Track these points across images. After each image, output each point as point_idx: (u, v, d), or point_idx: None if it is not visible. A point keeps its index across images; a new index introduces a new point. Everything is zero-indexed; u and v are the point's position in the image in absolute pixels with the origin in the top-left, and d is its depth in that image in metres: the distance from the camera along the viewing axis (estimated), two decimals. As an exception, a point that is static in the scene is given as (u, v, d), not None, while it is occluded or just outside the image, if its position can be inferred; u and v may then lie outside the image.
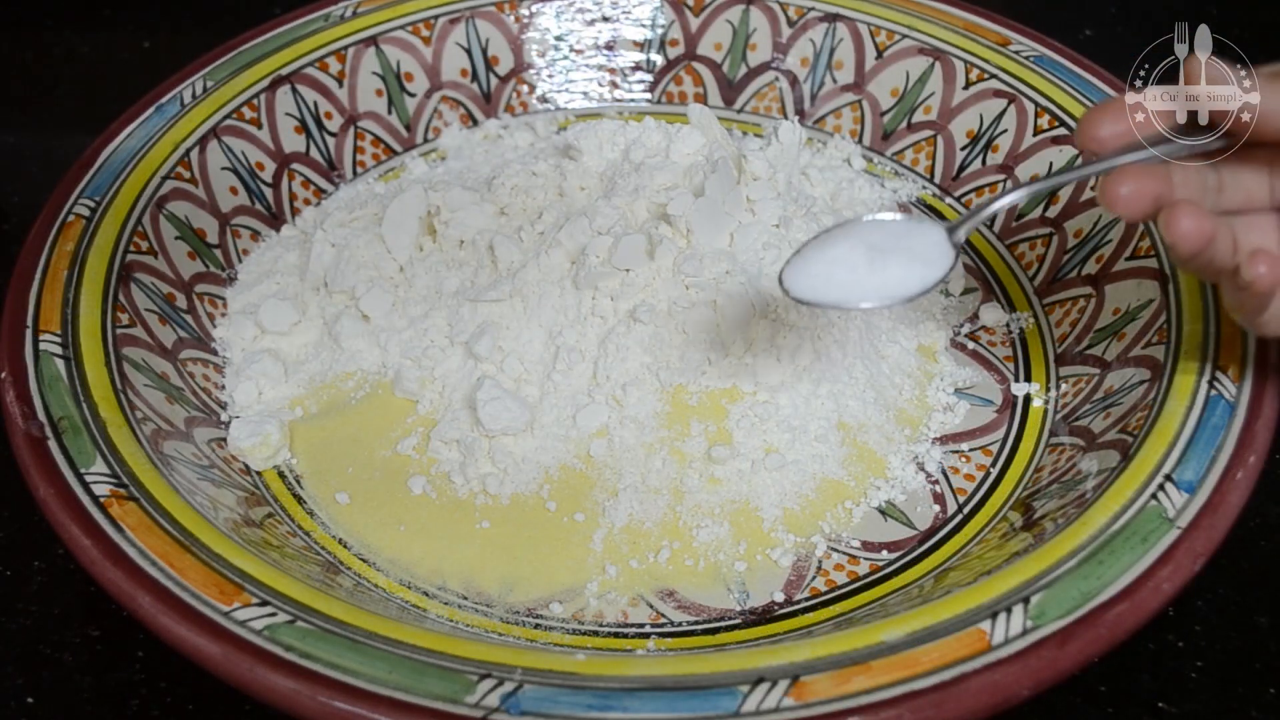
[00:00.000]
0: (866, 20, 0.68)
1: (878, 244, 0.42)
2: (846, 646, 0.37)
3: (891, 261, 0.42)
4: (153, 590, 0.39)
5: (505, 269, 0.55)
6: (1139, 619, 0.38)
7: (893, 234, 0.43)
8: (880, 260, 0.42)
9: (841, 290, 0.42)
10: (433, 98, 0.70)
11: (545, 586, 0.47)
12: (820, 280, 0.42)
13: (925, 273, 0.42)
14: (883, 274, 0.42)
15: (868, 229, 0.43)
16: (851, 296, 0.42)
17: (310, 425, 0.53)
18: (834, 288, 0.42)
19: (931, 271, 0.42)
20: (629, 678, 0.37)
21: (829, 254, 0.43)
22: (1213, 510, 0.41)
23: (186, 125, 0.61)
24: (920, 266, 0.42)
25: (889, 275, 0.42)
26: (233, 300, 0.59)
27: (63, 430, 0.44)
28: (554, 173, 0.59)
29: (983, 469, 0.52)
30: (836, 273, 0.42)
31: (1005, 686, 0.36)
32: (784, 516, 0.49)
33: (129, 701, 0.45)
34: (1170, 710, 0.44)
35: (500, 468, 0.50)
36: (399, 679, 0.36)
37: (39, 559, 0.50)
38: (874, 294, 0.42)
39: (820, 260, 0.43)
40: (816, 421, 0.51)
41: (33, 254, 0.52)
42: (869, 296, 0.42)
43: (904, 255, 0.42)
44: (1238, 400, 0.44)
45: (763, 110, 0.71)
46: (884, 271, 0.42)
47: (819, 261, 0.43)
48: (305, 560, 0.45)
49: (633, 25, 0.72)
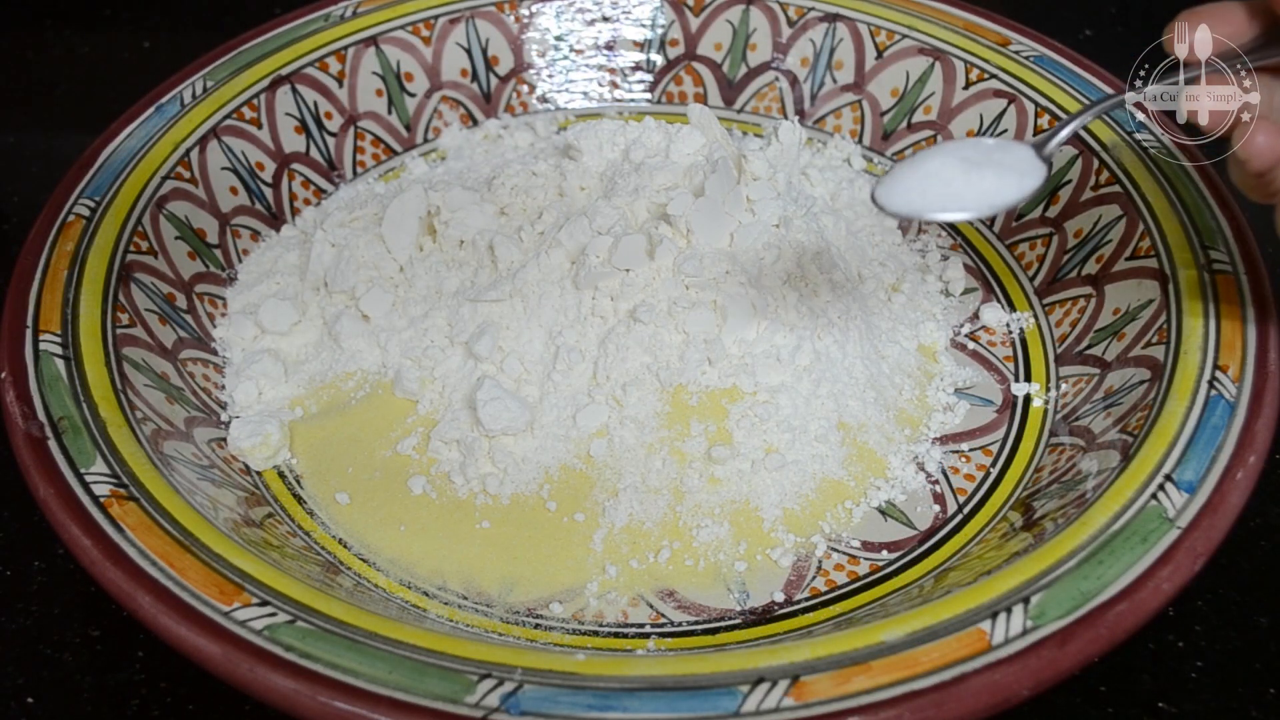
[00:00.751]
0: (866, 20, 0.68)
1: (970, 158, 0.42)
2: (847, 646, 0.37)
3: (986, 173, 0.42)
4: (153, 590, 0.39)
5: (505, 269, 0.55)
6: (1139, 619, 0.38)
7: (983, 150, 0.42)
8: (975, 172, 0.42)
9: (939, 201, 0.42)
10: (433, 98, 0.70)
11: (545, 586, 0.47)
12: (915, 194, 0.42)
13: (1021, 182, 0.42)
14: (978, 185, 0.42)
15: (958, 147, 0.43)
16: (949, 207, 0.42)
17: (310, 425, 0.53)
18: (930, 200, 0.42)
19: (1027, 181, 0.42)
20: (629, 678, 0.37)
21: (921, 170, 0.42)
22: (1213, 510, 0.41)
23: (186, 125, 0.61)
24: (1015, 176, 0.42)
25: (984, 186, 0.42)
26: (233, 300, 0.59)
27: (63, 430, 0.44)
28: (554, 173, 0.59)
29: (983, 469, 0.52)
30: (931, 186, 0.42)
31: (1005, 686, 0.36)
32: (784, 516, 0.49)
33: (129, 701, 0.45)
34: (1170, 710, 0.44)
35: (500, 468, 0.50)
36: (399, 679, 0.36)
37: (39, 559, 0.50)
38: (972, 204, 0.42)
39: (913, 176, 0.42)
40: (817, 421, 0.51)
41: (33, 254, 0.52)
42: (967, 207, 0.42)
43: (997, 168, 0.42)
44: (1238, 400, 0.44)
45: (763, 110, 0.71)
46: (979, 183, 0.41)
47: (911, 178, 0.42)
48: (305, 560, 0.45)
49: (633, 25, 0.72)
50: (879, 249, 0.62)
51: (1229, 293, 0.49)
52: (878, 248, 0.62)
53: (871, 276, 0.58)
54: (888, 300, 0.58)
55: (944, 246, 0.64)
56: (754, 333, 0.51)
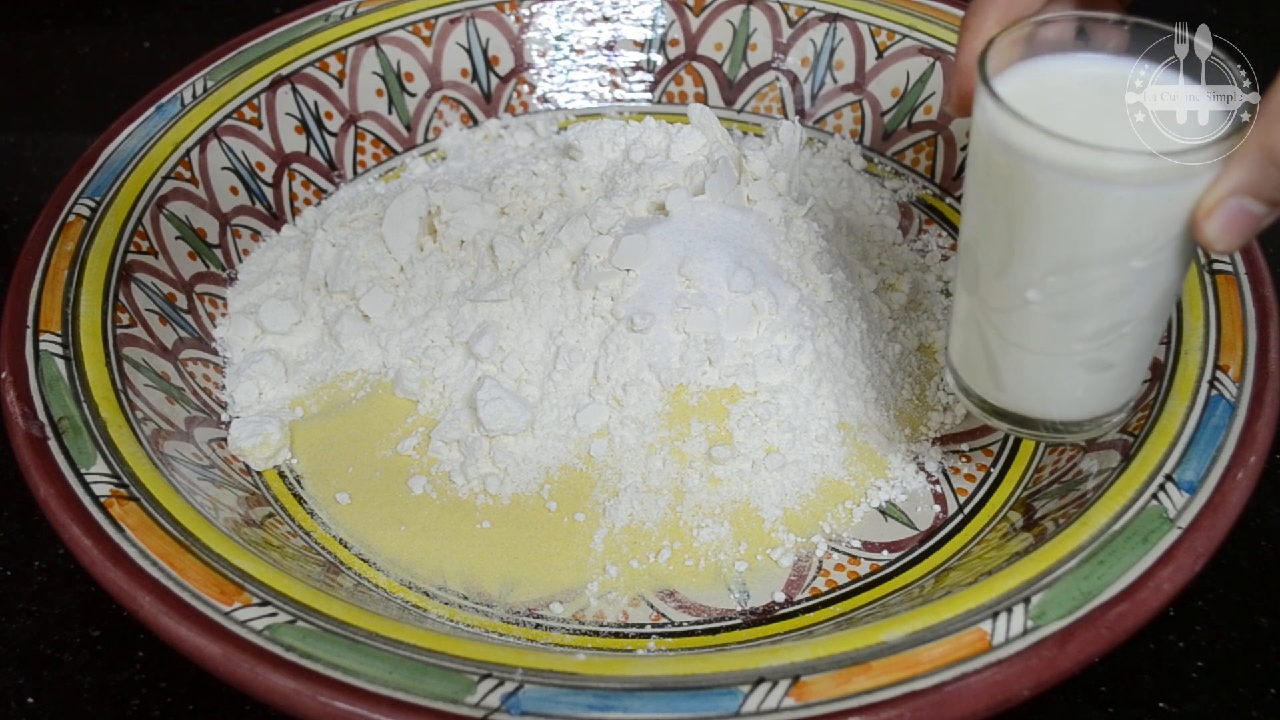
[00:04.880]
0: (867, 20, 0.68)
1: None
2: (847, 646, 0.37)
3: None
4: (153, 590, 0.39)
5: (506, 269, 0.55)
6: (1139, 619, 0.38)
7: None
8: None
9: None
10: (433, 98, 0.70)
11: (546, 586, 0.47)
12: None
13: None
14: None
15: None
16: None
17: (311, 425, 0.53)
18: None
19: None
20: (629, 678, 0.37)
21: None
22: (1213, 510, 0.41)
23: (187, 125, 0.61)
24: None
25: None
26: (233, 300, 0.59)
27: (63, 430, 0.44)
28: (554, 173, 0.59)
29: (983, 469, 0.52)
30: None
31: (1006, 686, 0.36)
32: (785, 516, 0.49)
33: (129, 701, 0.45)
34: (1170, 710, 0.44)
35: (501, 468, 0.50)
36: (399, 679, 0.36)
37: (39, 559, 0.50)
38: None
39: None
40: (817, 421, 0.51)
41: (33, 254, 0.52)
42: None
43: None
44: (1238, 400, 0.44)
45: (763, 110, 0.71)
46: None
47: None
48: (306, 560, 0.45)
49: (633, 25, 0.72)
50: (879, 249, 0.62)
51: (1229, 293, 0.49)
52: (878, 247, 0.62)
53: (871, 276, 0.58)
54: (888, 300, 0.58)
55: (944, 246, 0.63)
56: (754, 333, 0.51)
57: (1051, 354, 0.40)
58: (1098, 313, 0.38)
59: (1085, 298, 0.38)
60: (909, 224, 0.65)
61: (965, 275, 0.41)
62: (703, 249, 0.51)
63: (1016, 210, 0.37)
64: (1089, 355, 0.39)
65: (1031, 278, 0.38)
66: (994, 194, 0.38)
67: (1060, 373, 0.41)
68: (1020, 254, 0.38)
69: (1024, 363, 0.41)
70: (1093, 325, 0.38)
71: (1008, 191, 0.37)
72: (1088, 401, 0.42)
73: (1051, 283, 0.37)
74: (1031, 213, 0.36)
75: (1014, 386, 0.42)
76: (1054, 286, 0.37)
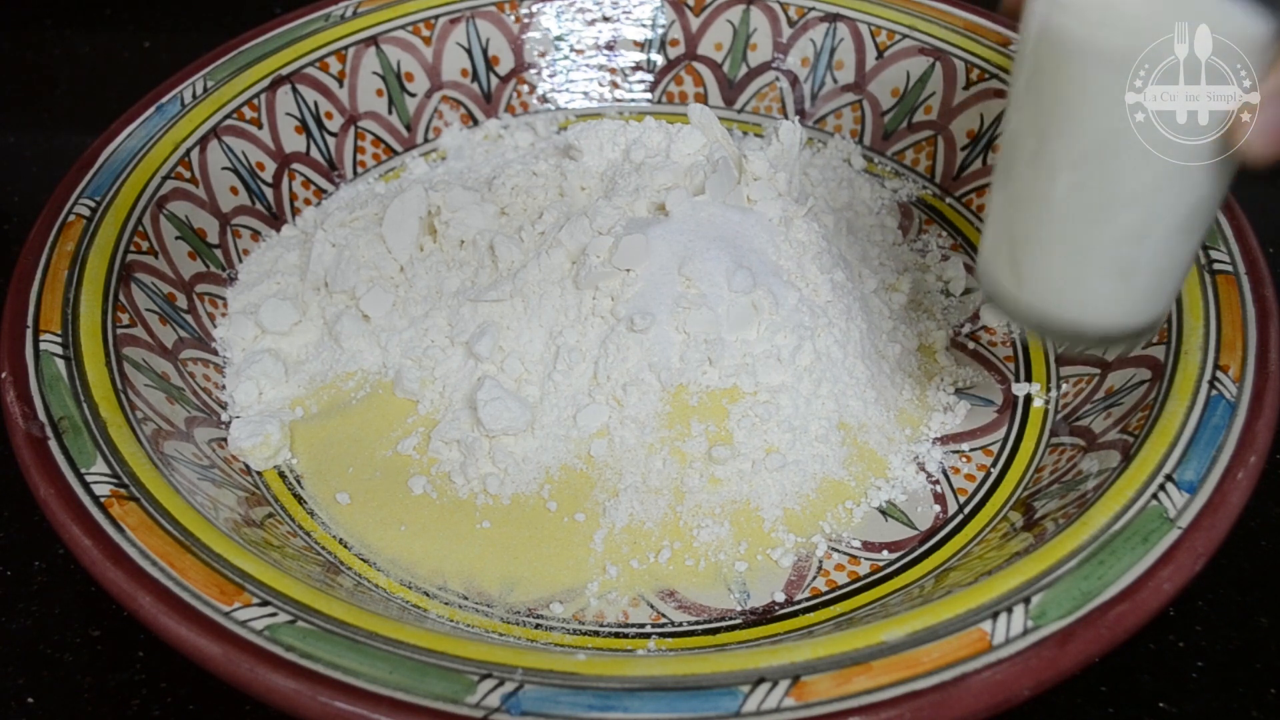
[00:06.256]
0: (867, 20, 0.68)
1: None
2: (847, 646, 0.37)
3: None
4: (153, 590, 0.39)
5: (506, 269, 0.55)
6: (1140, 619, 0.38)
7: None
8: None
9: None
10: (433, 98, 0.70)
11: (546, 586, 0.47)
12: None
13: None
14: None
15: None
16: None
17: (311, 425, 0.53)
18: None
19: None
20: (630, 678, 0.37)
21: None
22: (1213, 510, 0.41)
23: (187, 125, 0.61)
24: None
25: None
26: (233, 300, 0.59)
27: (63, 430, 0.44)
28: (554, 173, 0.59)
29: (983, 469, 0.52)
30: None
31: (1006, 686, 0.36)
32: (785, 516, 0.49)
33: (129, 701, 0.45)
34: (1170, 710, 0.44)
35: (501, 468, 0.50)
36: (400, 679, 0.36)
37: (39, 559, 0.50)
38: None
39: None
40: (817, 421, 0.51)
41: (33, 254, 0.52)
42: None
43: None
44: (1238, 400, 0.44)
45: (763, 110, 0.71)
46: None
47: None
48: (306, 560, 0.45)
49: (633, 25, 0.72)
50: (879, 249, 0.62)
51: (1229, 293, 0.49)
52: (878, 247, 0.62)
53: (872, 276, 0.58)
54: (888, 300, 0.58)
55: (944, 246, 0.64)
56: (754, 333, 0.51)
57: (1077, 249, 0.40)
58: (1125, 207, 0.38)
59: (1113, 191, 0.38)
60: (909, 224, 0.65)
61: (1001, 170, 0.42)
62: (703, 249, 0.51)
63: (1049, 90, 0.38)
64: (1113, 254, 0.40)
65: (1063, 162, 0.38)
66: (1030, 73, 0.39)
67: (1083, 271, 0.41)
68: (1053, 135, 0.38)
69: (1050, 255, 0.41)
70: (1120, 222, 0.39)
71: (1041, 73, 0.38)
72: (1106, 309, 0.42)
73: (1081, 171, 0.38)
74: (1064, 93, 0.37)
75: (1036, 281, 0.42)
76: (1084, 175, 0.38)
